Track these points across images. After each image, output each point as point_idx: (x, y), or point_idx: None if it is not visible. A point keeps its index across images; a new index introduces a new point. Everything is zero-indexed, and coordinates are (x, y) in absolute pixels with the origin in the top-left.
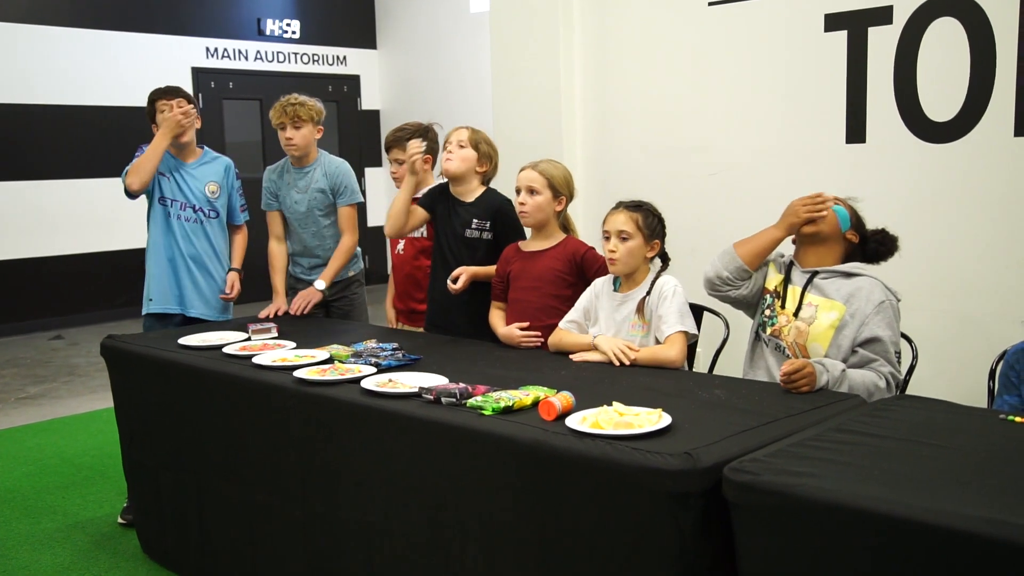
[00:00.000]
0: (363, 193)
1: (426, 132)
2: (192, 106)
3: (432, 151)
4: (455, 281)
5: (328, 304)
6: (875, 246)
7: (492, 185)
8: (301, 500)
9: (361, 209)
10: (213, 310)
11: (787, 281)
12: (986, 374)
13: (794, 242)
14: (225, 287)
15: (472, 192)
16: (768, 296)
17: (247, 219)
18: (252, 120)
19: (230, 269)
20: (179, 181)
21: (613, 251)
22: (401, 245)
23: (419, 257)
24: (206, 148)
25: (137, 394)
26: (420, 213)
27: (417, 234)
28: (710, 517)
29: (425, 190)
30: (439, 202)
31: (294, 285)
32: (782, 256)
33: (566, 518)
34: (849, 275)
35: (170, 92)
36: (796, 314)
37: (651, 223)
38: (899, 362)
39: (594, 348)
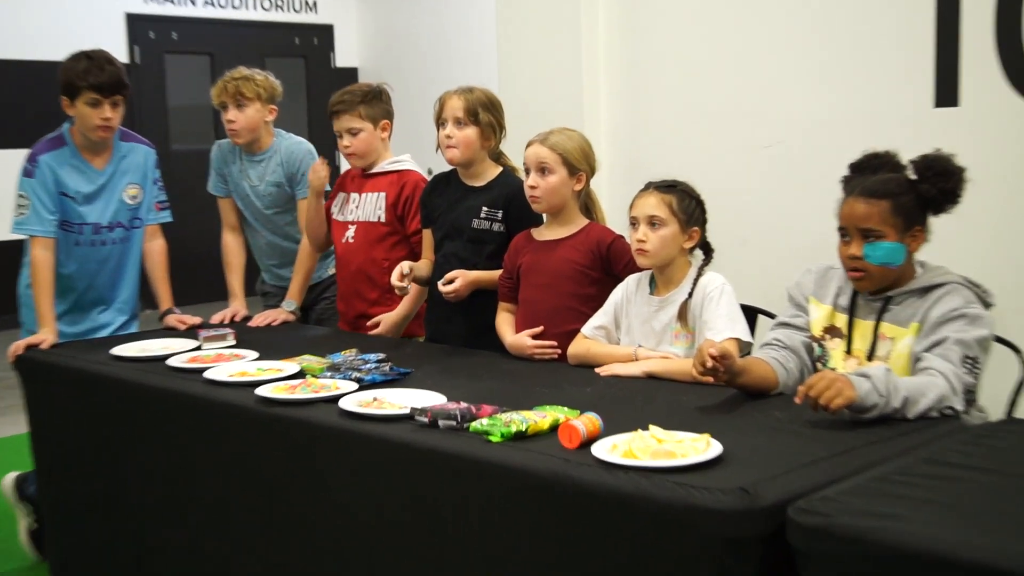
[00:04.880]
0: (337, 171)
1: (378, 94)
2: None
3: (388, 115)
4: (449, 283)
5: (304, 310)
6: (931, 190)
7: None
8: (262, 548)
9: None
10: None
11: (852, 316)
12: None
13: (849, 274)
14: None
15: (482, 175)
16: (818, 345)
17: (168, 220)
18: (201, 79)
19: (163, 314)
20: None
21: (642, 240)
22: (351, 231)
23: (374, 247)
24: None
25: (59, 417)
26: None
27: (374, 217)
28: (769, 566)
29: (385, 166)
30: (440, 192)
31: (264, 290)
32: (832, 267)
33: (591, 565)
34: (926, 290)
35: (107, 88)
36: (871, 356)
37: (688, 207)
38: (976, 370)
39: (634, 360)
